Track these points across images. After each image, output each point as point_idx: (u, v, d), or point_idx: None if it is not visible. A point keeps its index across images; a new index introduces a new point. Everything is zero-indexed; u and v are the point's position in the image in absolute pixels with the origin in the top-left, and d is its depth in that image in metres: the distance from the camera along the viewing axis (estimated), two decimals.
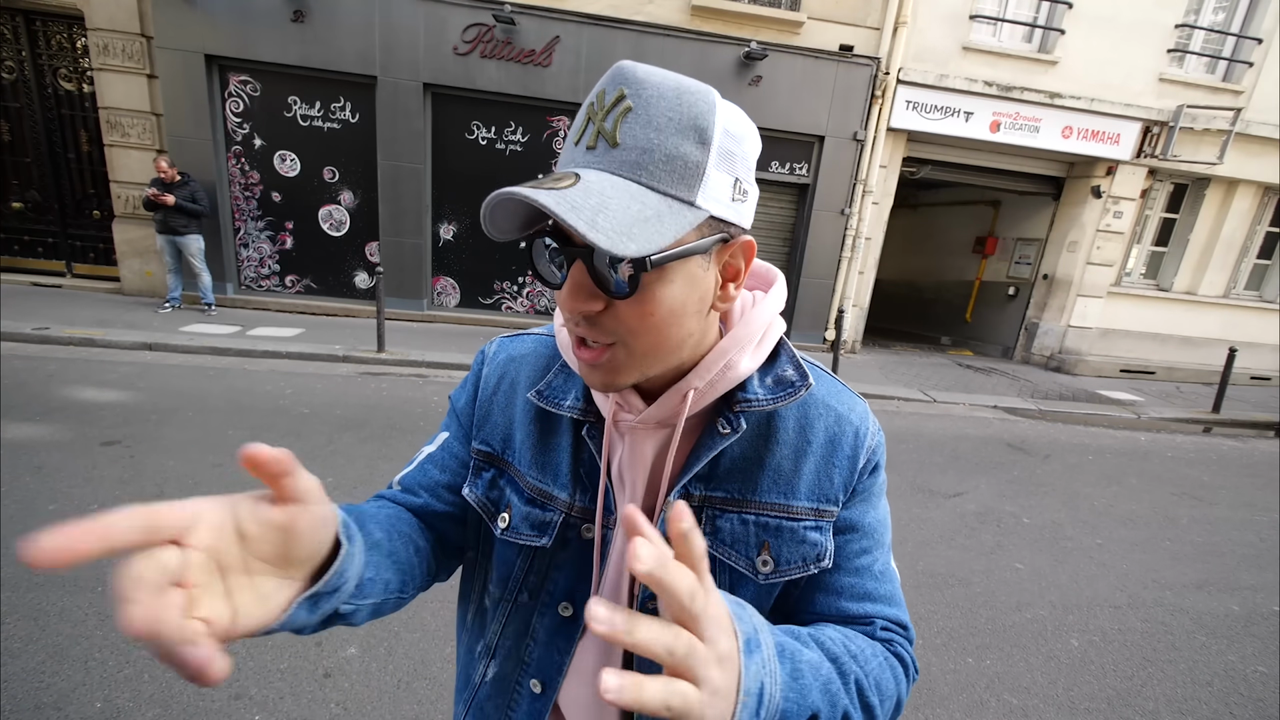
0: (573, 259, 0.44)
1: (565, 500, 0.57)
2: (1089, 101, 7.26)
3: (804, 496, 0.55)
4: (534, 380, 0.60)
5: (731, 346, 0.52)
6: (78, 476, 2.76)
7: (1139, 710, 2.00)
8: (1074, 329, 8.27)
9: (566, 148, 0.45)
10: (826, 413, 0.57)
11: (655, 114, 0.41)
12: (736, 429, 0.53)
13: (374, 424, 3.83)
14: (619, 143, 0.41)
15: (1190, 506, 3.87)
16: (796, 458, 0.55)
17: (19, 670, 1.70)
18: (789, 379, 0.54)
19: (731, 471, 0.55)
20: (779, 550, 0.54)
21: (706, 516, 0.54)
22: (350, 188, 6.91)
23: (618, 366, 0.47)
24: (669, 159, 0.41)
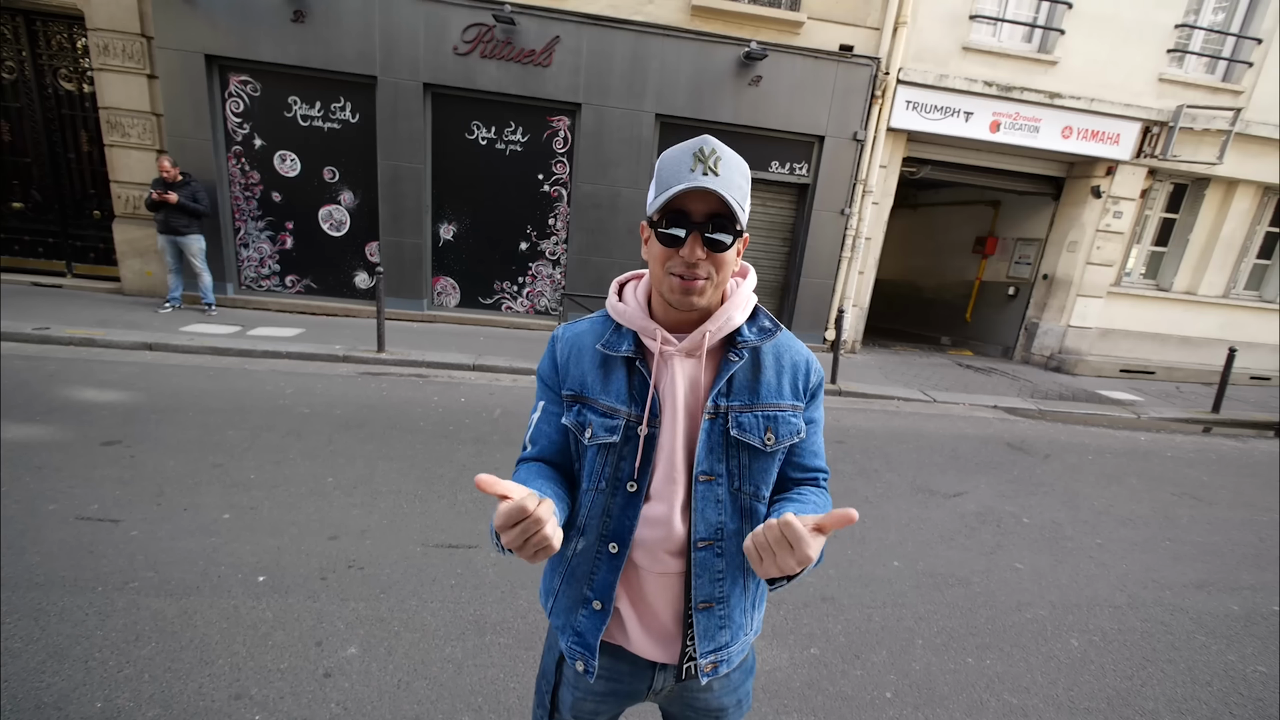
0: (692, 231, 0.77)
1: (625, 411, 0.85)
2: (1089, 101, 7.26)
3: (786, 397, 0.88)
4: (596, 340, 0.89)
5: (731, 307, 0.85)
6: (78, 476, 2.76)
7: (1139, 710, 2.00)
8: (1074, 329, 8.27)
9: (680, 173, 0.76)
10: (791, 349, 0.91)
11: (732, 164, 0.78)
12: (740, 358, 0.86)
13: (374, 424, 3.83)
14: (719, 174, 0.75)
15: (1190, 506, 3.87)
16: (778, 376, 0.88)
17: (19, 670, 1.70)
18: (768, 327, 0.89)
19: (741, 387, 0.86)
20: (777, 430, 0.86)
21: (732, 417, 0.85)
22: (350, 188, 6.91)
23: (711, 293, 0.81)
24: (739, 187, 0.78)
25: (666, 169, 0.77)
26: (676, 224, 0.77)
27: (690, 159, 0.75)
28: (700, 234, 0.76)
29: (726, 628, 0.89)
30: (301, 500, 2.79)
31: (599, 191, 7.03)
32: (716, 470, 0.85)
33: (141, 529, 2.42)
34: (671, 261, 0.79)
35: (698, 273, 0.78)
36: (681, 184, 0.74)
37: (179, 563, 2.25)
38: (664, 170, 0.78)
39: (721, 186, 0.74)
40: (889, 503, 3.46)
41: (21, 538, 2.28)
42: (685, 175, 0.74)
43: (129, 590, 2.08)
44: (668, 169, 0.77)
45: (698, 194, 0.75)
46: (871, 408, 5.61)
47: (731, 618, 0.89)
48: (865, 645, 2.20)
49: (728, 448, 0.85)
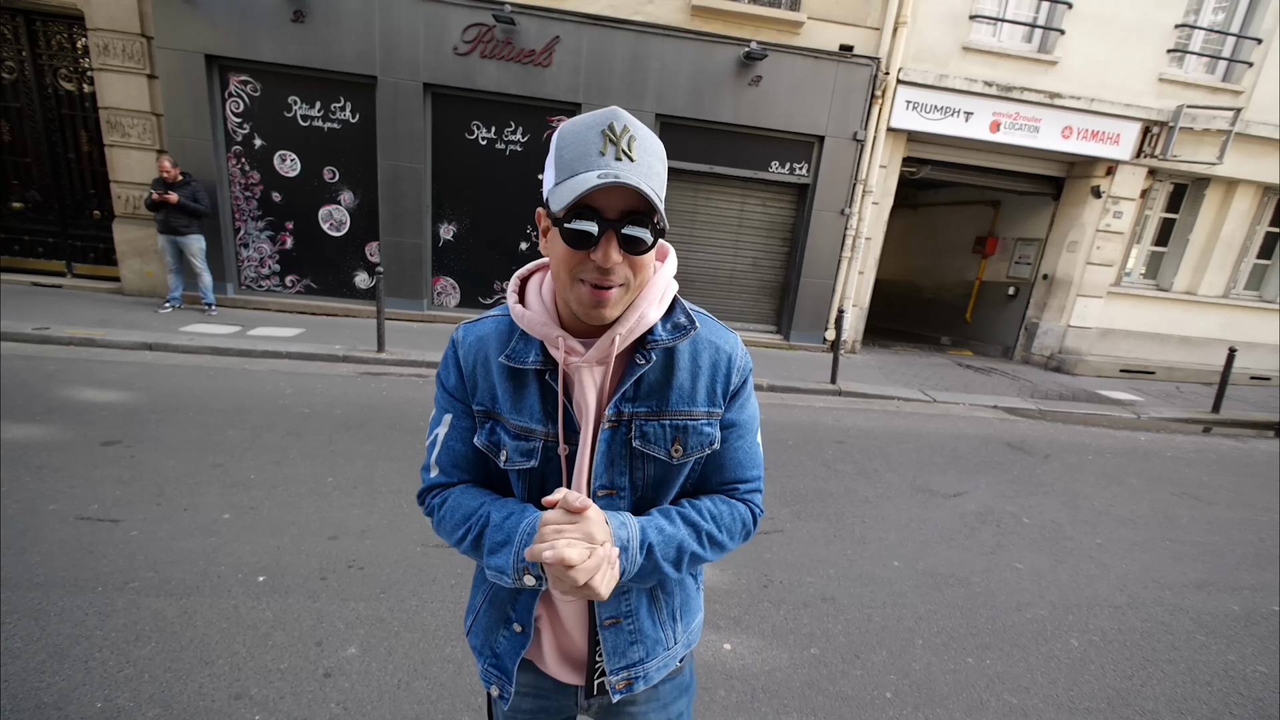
0: (605, 230, 0.65)
1: (541, 430, 0.77)
2: (1089, 101, 7.26)
3: (700, 404, 0.79)
4: (501, 349, 0.79)
5: (644, 303, 0.74)
6: (78, 476, 2.76)
7: (1139, 710, 2.00)
8: (1074, 329, 8.27)
9: (588, 156, 0.63)
10: (709, 346, 0.80)
11: (647, 145, 0.66)
12: (649, 360, 0.76)
13: (374, 424, 3.83)
14: (635, 159, 0.64)
15: (1190, 506, 3.86)
16: (693, 378, 0.79)
17: (19, 670, 1.70)
18: (682, 324, 0.78)
19: (650, 391, 0.77)
20: (685, 441, 0.78)
21: (635, 425, 0.77)
22: (350, 188, 6.91)
23: (619, 300, 0.70)
24: (657, 174, 0.67)
25: (568, 148, 0.65)
26: (585, 219, 0.64)
27: (598, 139, 0.63)
28: (616, 233, 0.64)
29: (639, 643, 0.83)
30: (301, 500, 2.79)
31: None
32: (618, 484, 0.78)
33: (141, 529, 2.42)
34: (581, 267, 0.67)
35: (612, 279, 0.67)
36: (591, 173, 0.61)
37: (179, 563, 2.25)
38: (565, 150, 0.65)
39: (639, 177, 0.62)
40: (889, 503, 3.46)
41: (21, 538, 2.28)
42: (594, 160, 0.62)
43: (129, 590, 2.08)
44: (570, 148, 0.64)
45: (612, 188, 0.62)
46: (871, 408, 5.61)
47: (642, 632, 0.83)
48: (865, 645, 2.20)
49: (631, 459, 0.77)
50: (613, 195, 0.63)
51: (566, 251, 0.67)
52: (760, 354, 7.10)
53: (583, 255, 0.66)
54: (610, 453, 0.77)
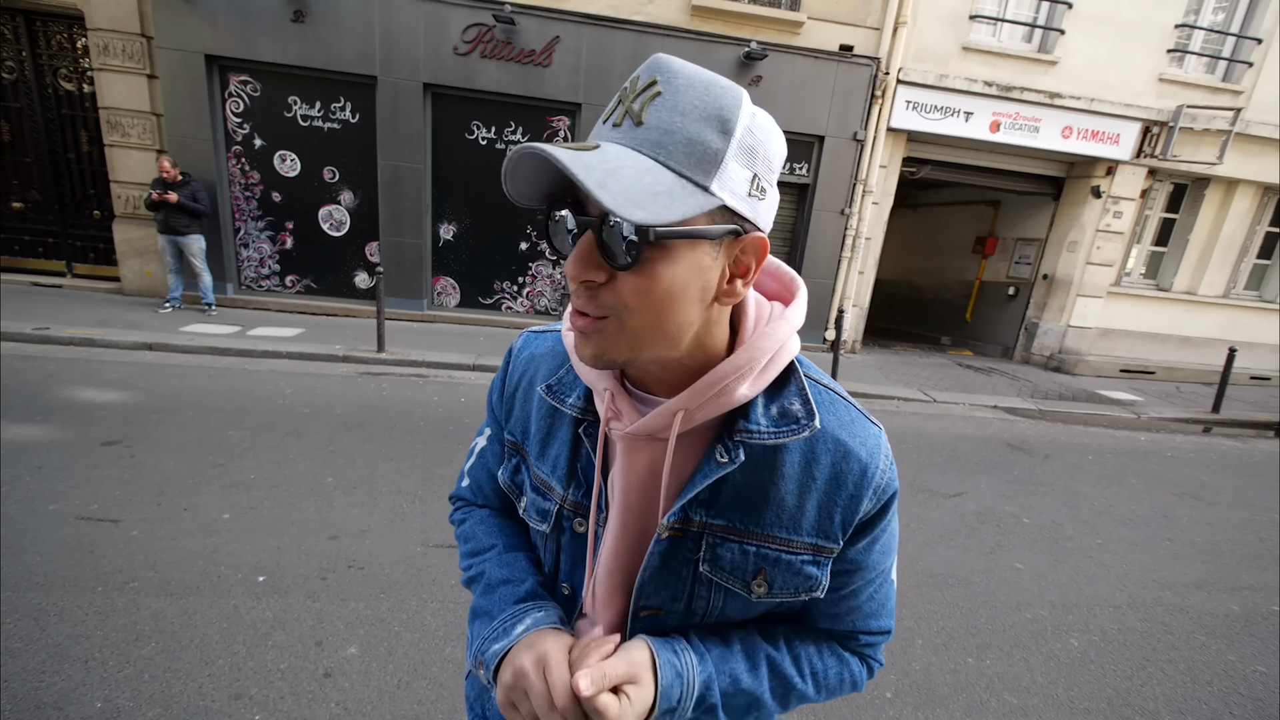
0: (584, 228, 0.45)
1: (560, 492, 0.61)
2: (1089, 101, 7.26)
3: (805, 533, 0.56)
4: (548, 376, 0.63)
5: (730, 371, 0.51)
6: (78, 476, 2.76)
7: (1139, 710, 2.00)
8: (1074, 329, 8.27)
9: (596, 126, 0.47)
10: (834, 448, 0.55)
11: (682, 101, 0.43)
12: (734, 459, 0.53)
13: (374, 424, 3.83)
14: (643, 122, 0.43)
15: (1190, 506, 3.86)
16: (800, 493, 0.55)
17: (19, 670, 1.70)
18: (794, 414, 0.53)
19: (735, 500, 0.55)
20: (774, 577, 0.56)
21: (707, 543, 0.56)
22: (350, 188, 6.91)
23: (609, 340, 0.48)
24: (689, 142, 0.42)
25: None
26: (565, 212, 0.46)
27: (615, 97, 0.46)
28: (596, 233, 0.44)
29: None
30: (301, 500, 2.79)
31: None
32: (670, 608, 0.58)
33: (141, 529, 2.42)
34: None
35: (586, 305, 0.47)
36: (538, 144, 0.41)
37: (179, 563, 2.25)
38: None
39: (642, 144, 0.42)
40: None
41: (21, 538, 2.28)
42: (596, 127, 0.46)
43: (129, 590, 2.08)
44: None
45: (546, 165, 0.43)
46: (871, 408, 5.61)
47: None
48: None
49: (693, 583, 0.57)
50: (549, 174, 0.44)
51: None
52: None
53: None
54: (665, 570, 0.56)
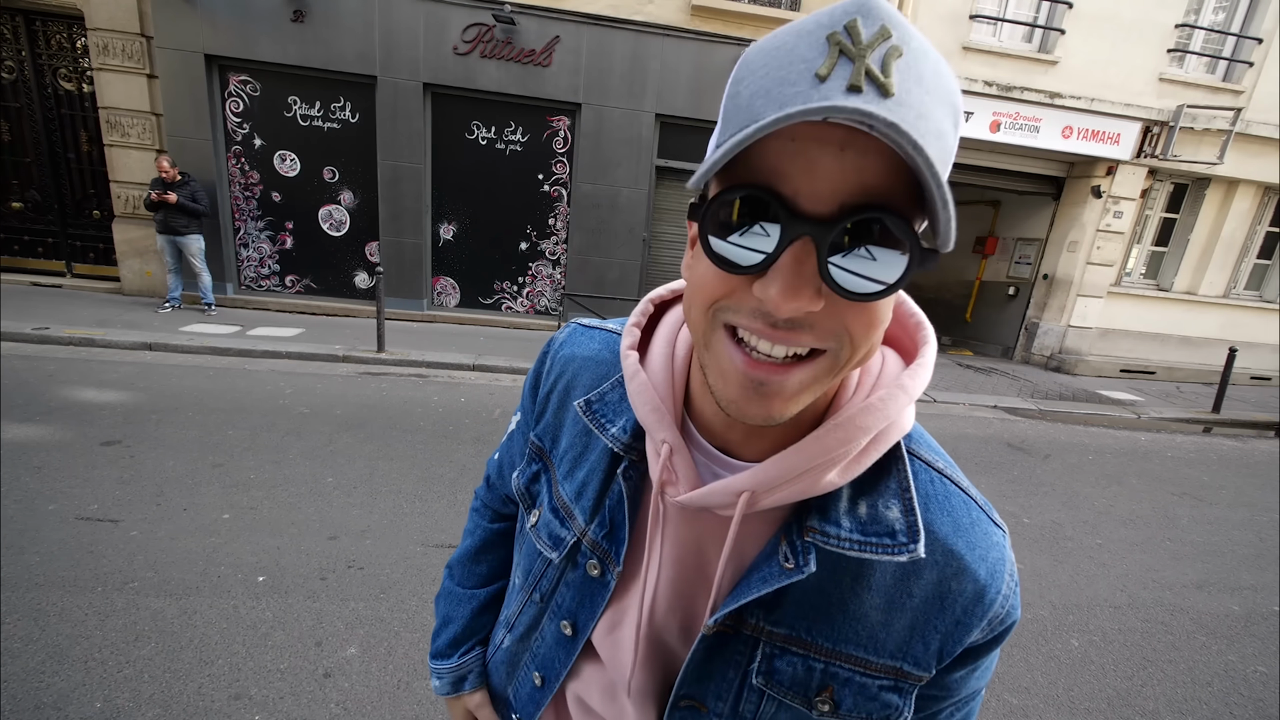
0: (795, 236, 0.32)
1: (580, 525, 0.53)
2: (1089, 101, 7.25)
3: (889, 654, 0.44)
4: (589, 387, 0.54)
5: (819, 454, 0.40)
6: (78, 476, 2.76)
7: (1139, 710, 2.00)
8: (1074, 329, 8.27)
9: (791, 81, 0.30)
10: (944, 560, 0.43)
11: (925, 71, 0.31)
12: (801, 567, 0.42)
13: (374, 424, 3.82)
14: (894, 93, 0.29)
15: (1190, 506, 3.86)
16: (889, 608, 0.44)
17: (19, 670, 1.70)
18: (889, 524, 0.41)
19: (804, 607, 0.45)
20: (842, 697, 0.45)
21: (763, 653, 0.46)
22: (350, 188, 6.91)
23: (806, 388, 0.36)
24: (940, 135, 0.31)
25: (757, 72, 0.32)
26: (757, 215, 0.32)
27: (821, 49, 0.30)
28: (817, 245, 0.32)
29: None
30: (301, 500, 2.79)
31: (599, 191, 7.03)
32: (713, 705, 0.49)
33: (141, 529, 2.42)
34: (732, 302, 0.35)
35: (797, 339, 0.35)
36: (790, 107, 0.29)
37: (179, 563, 2.25)
38: (749, 77, 0.33)
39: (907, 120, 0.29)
40: None
41: (21, 538, 2.28)
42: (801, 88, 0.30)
43: (129, 590, 2.08)
44: (759, 73, 0.32)
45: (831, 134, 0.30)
46: None
47: None
48: None
49: (742, 687, 0.47)
50: (827, 155, 0.30)
51: (710, 272, 0.35)
52: None
53: (738, 282, 0.35)
54: (709, 667, 0.48)
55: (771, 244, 0.32)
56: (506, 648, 0.65)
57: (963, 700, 0.50)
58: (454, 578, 0.75)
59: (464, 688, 0.71)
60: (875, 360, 0.45)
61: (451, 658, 0.71)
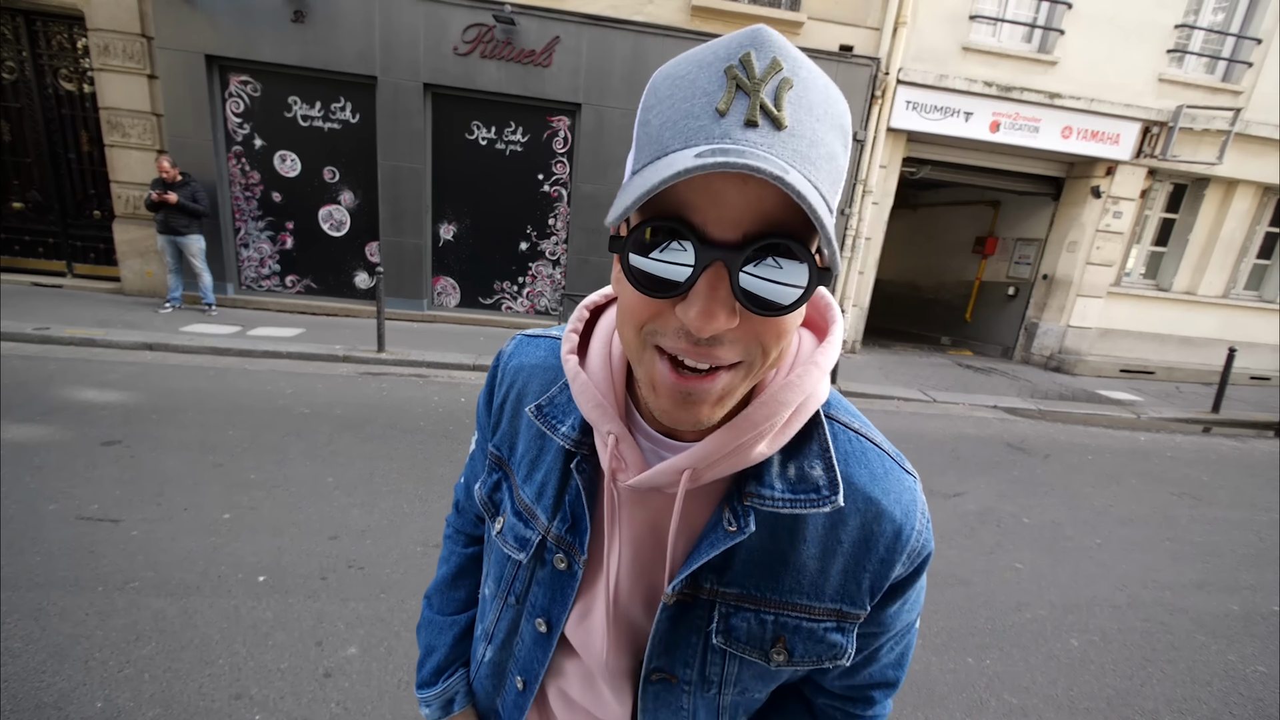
0: (708, 262, 0.35)
1: (544, 523, 0.56)
2: (1089, 102, 7.26)
3: (829, 599, 0.51)
4: (539, 393, 0.57)
5: (746, 429, 0.44)
6: (78, 476, 2.76)
7: (1139, 710, 2.00)
8: (1074, 329, 8.27)
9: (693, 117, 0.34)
10: (865, 506, 0.49)
11: (815, 99, 0.35)
12: (743, 528, 0.47)
13: (374, 424, 3.83)
14: (787, 125, 0.33)
15: (1190, 506, 3.86)
16: (824, 557, 0.50)
17: (19, 670, 1.70)
18: (814, 481, 0.47)
19: (750, 566, 0.50)
20: (794, 645, 0.52)
21: (720, 613, 0.51)
22: (350, 188, 6.91)
23: (729, 393, 0.41)
24: (830, 159, 0.36)
25: (663, 104, 0.36)
26: (672, 238, 0.35)
27: (720, 82, 0.34)
28: (730, 271, 0.35)
29: None
30: (301, 500, 2.79)
31: (599, 191, 7.03)
32: (680, 674, 0.54)
33: (142, 529, 2.42)
34: (658, 324, 0.39)
35: (716, 355, 0.38)
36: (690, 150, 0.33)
37: (179, 563, 2.25)
38: (657, 107, 0.37)
39: (792, 155, 0.33)
40: None
41: (21, 538, 2.28)
42: (703, 125, 0.34)
43: (129, 590, 2.08)
44: (665, 105, 0.36)
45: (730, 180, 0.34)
46: (871, 408, 5.61)
47: None
48: None
49: (705, 650, 0.53)
50: (731, 188, 0.34)
51: (635, 296, 0.39)
52: None
53: (662, 306, 0.38)
54: (674, 635, 0.53)
55: (689, 259, 0.35)
56: (489, 660, 0.66)
57: (899, 634, 0.57)
58: (433, 606, 0.76)
59: (453, 709, 0.72)
60: (794, 340, 0.49)
61: (437, 685, 0.72)
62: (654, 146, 0.36)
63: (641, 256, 0.37)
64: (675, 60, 0.37)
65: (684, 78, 0.36)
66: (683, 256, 0.35)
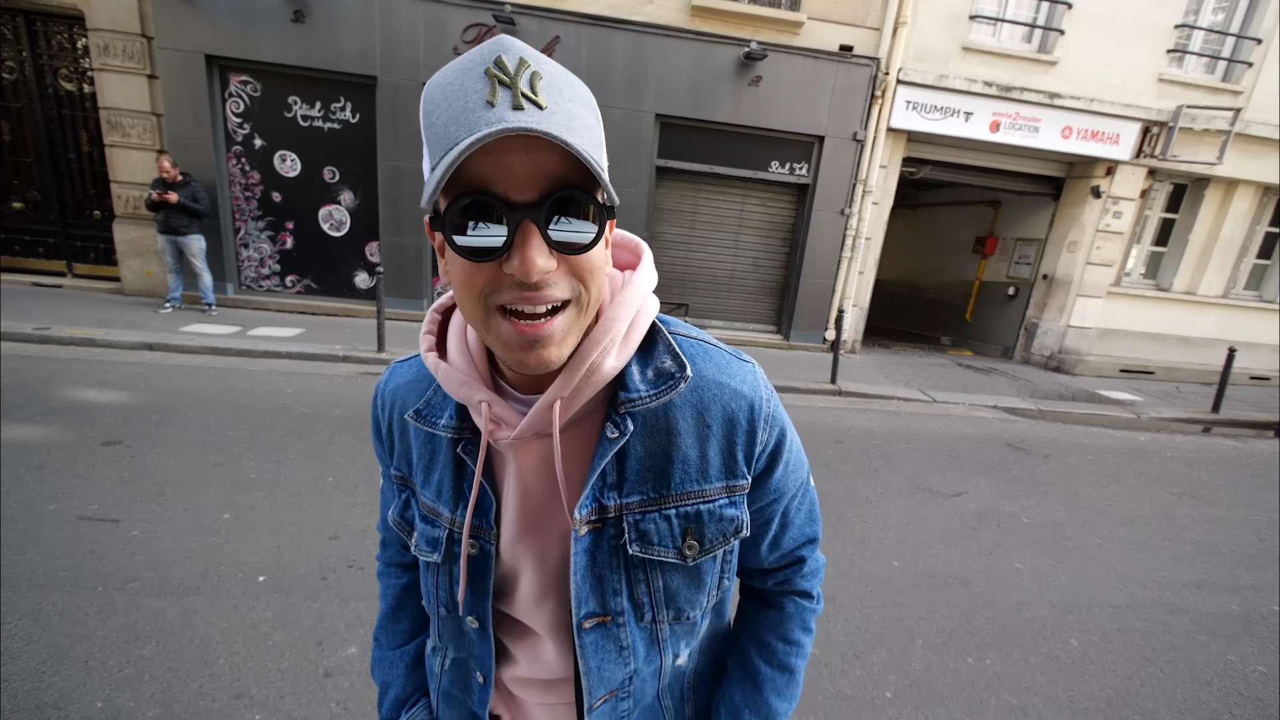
0: (518, 222, 0.42)
1: (448, 516, 0.59)
2: (1088, 102, 7.26)
3: (714, 478, 0.57)
4: (416, 402, 0.60)
5: (591, 348, 0.50)
6: (78, 476, 2.76)
7: (1139, 710, 2.00)
8: (1074, 329, 8.27)
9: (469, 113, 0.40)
10: (720, 391, 0.56)
11: (562, 85, 0.43)
12: (624, 431, 0.53)
13: None
14: (546, 106, 0.41)
15: (1190, 506, 3.86)
16: (701, 443, 0.56)
17: (20, 670, 1.70)
18: (668, 371, 0.54)
19: (642, 471, 0.55)
20: (701, 532, 0.57)
21: (629, 523, 0.55)
22: (350, 188, 6.91)
23: (567, 329, 0.47)
24: (589, 129, 0.44)
25: (440, 109, 0.42)
26: (483, 214, 0.42)
27: (481, 83, 0.40)
28: (537, 224, 0.42)
29: None
30: (301, 500, 2.80)
31: None
32: (612, 606, 0.56)
33: (142, 529, 2.42)
34: (493, 288, 0.44)
35: (548, 294, 0.45)
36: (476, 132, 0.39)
37: (179, 562, 2.25)
38: (436, 113, 0.42)
39: (557, 126, 0.40)
40: (889, 502, 3.46)
41: (22, 538, 2.28)
42: (478, 116, 0.40)
43: (129, 590, 2.08)
44: (442, 110, 0.41)
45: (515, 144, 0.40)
46: (871, 408, 5.61)
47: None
48: (865, 645, 2.20)
49: (628, 570, 0.56)
50: (517, 159, 0.41)
51: (466, 268, 0.44)
52: (760, 354, 7.09)
53: (491, 269, 0.44)
54: (596, 566, 0.55)
55: (503, 231, 0.42)
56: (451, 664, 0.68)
57: (798, 494, 0.63)
58: (381, 644, 0.77)
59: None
60: (616, 278, 0.57)
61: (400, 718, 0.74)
62: (444, 141, 0.41)
63: (462, 235, 0.43)
64: (440, 72, 0.43)
65: (452, 84, 0.42)
66: (495, 226, 0.43)
